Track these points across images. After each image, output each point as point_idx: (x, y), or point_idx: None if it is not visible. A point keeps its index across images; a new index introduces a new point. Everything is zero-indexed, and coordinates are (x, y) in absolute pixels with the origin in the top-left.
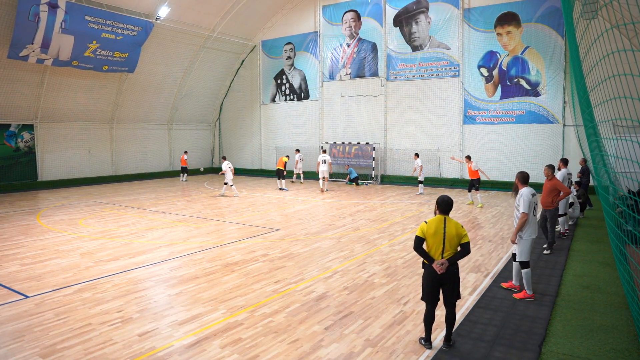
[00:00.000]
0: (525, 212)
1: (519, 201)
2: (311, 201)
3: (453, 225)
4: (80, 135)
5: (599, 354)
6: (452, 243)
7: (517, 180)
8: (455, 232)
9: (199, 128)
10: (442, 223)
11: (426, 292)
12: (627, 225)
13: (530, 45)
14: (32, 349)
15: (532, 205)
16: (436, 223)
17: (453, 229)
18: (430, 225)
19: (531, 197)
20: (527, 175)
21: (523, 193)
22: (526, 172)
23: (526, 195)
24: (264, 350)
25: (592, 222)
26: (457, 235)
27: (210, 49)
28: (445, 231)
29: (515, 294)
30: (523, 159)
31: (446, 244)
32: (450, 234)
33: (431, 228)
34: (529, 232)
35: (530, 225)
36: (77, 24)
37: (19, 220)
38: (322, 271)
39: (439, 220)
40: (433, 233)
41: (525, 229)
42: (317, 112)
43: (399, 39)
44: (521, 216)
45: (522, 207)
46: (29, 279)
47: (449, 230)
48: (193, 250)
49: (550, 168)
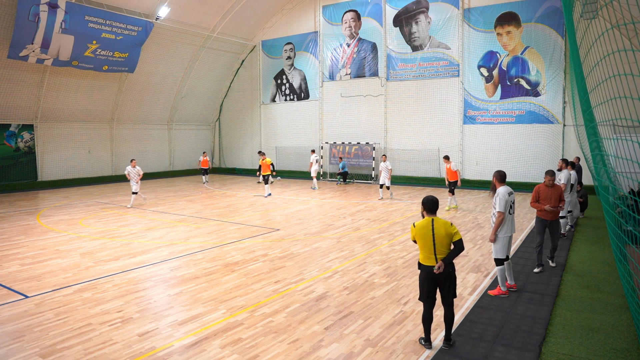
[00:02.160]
0: (501, 211)
1: (496, 200)
2: (311, 201)
3: (441, 225)
4: (80, 135)
5: (599, 354)
6: (444, 243)
7: (495, 179)
8: (444, 232)
9: (199, 128)
10: (430, 225)
11: (423, 293)
12: (627, 225)
13: (530, 45)
14: (32, 349)
15: (508, 204)
16: (424, 226)
17: (442, 230)
18: (418, 228)
19: (507, 196)
20: (505, 174)
21: (499, 192)
22: (503, 171)
23: (502, 194)
24: (264, 350)
25: (592, 222)
26: (447, 235)
27: (210, 49)
28: (433, 233)
29: (490, 290)
30: (523, 159)
31: (437, 245)
32: (440, 235)
33: (420, 230)
34: (504, 230)
35: (506, 223)
36: (77, 24)
37: (19, 220)
38: (322, 271)
39: (426, 222)
40: (422, 235)
41: (501, 227)
42: (317, 112)
43: (399, 39)
44: (497, 215)
45: (498, 206)
46: (29, 279)
47: (437, 231)
48: (193, 250)
49: (553, 175)
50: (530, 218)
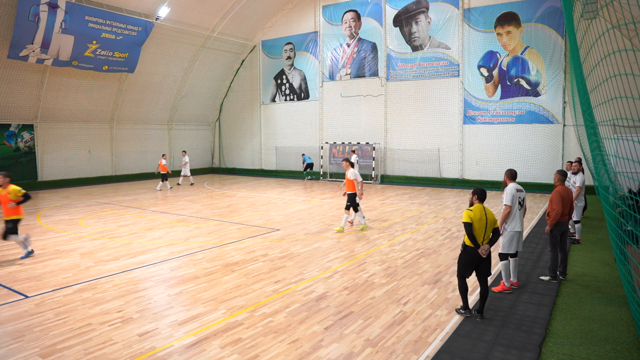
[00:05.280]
0: (507, 204)
1: (504, 195)
2: (311, 201)
3: (490, 212)
4: (80, 135)
5: (599, 354)
6: (490, 227)
7: (506, 177)
8: (492, 218)
9: (199, 128)
10: (484, 210)
11: (463, 270)
12: (628, 225)
13: (530, 45)
14: (32, 349)
15: (516, 199)
16: (480, 210)
17: (491, 215)
18: (475, 212)
19: (515, 192)
20: (515, 172)
21: (508, 187)
22: (514, 169)
23: (510, 190)
24: (264, 350)
25: (592, 222)
26: (493, 221)
27: (210, 49)
28: (486, 217)
29: (494, 287)
30: (523, 159)
31: (488, 228)
32: (490, 219)
33: (477, 214)
34: (512, 225)
35: (515, 219)
36: (77, 24)
37: None
38: (322, 271)
39: (480, 208)
40: (479, 219)
41: (509, 221)
42: (317, 112)
43: (399, 39)
44: (504, 208)
45: (505, 200)
46: (29, 279)
47: (489, 216)
48: (193, 251)
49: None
50: (530, 218)
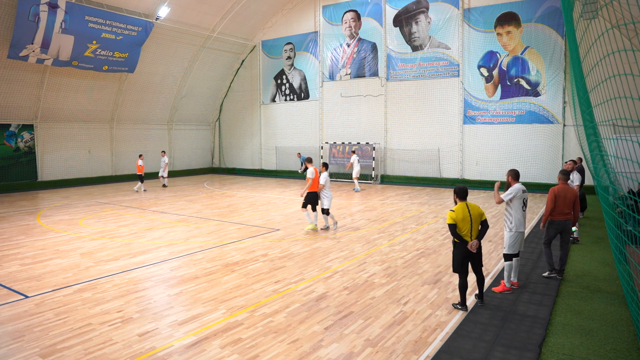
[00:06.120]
0: (503, 198)
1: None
2: None
3: (473, 207)
4: (80, 135)
5: (599, 354)
6: (477, 222)
7: (510, 177)
8: (477, 212)
9: (199, 128)
10: (466, 208)
11: (458, 266)
12: (627, 225)
13: (530, 45)
14: (32, 349)
15: (520, 199)
16: (462, 209)
17: (475, 211)
18: (458, 212)
19: (521, 193)
20: (519, 172)
21: (514, 187)
22: (517, 169)
23: (516, 189)
24: (264, 350)
25: (592, 222)
26: (479, 214)
27: (210, 49)
28: (470, 214)
29: (494, 287)
30: (523, 159)
31: (474, 224)
32: (475, 215)
33: (459, 214)
34: (516, 226)
35: (519, 220)
36: (77, 24)
37: (19, 220)
38: (322, 271)
39: (462, 206)
40: (462, 218)
41: (514, 221)
42: (317, 112)
43: (399, 39)
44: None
45: (505, 194)
46: (29, 279)
47: (473, 212)
48: (193, 251)
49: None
50: (530, 218)
